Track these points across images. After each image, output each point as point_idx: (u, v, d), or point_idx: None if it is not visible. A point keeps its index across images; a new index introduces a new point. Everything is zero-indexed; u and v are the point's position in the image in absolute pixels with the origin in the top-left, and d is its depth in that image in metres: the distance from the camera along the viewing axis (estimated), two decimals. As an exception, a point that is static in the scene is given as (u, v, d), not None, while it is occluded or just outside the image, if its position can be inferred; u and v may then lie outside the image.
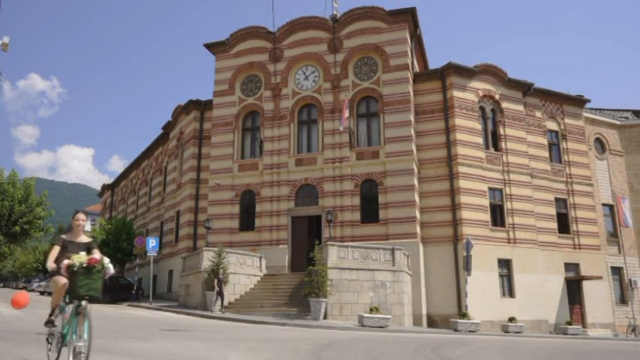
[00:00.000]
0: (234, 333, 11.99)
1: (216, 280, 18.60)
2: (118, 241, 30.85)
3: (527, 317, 21.76)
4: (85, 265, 4.94)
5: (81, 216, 5.61)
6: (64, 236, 5.55)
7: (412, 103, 23.73)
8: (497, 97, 25.03)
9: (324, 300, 17.44)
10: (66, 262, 4.98)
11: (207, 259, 19.82)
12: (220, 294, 18.44)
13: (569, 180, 26.42)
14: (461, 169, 22.99)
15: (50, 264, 5.25)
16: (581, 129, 27.79)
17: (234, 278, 20.08)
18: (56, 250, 5.43)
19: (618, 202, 27.09)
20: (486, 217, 23.22)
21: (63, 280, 5.16)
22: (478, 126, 24.29)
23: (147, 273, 29.33)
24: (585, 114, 28.58)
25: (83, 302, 4.93)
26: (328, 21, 25.57)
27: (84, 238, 5.65)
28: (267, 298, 19.72)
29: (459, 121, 23.63)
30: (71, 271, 4.97)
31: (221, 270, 18.80)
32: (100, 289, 5.03)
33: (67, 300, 5.18)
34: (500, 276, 22.90)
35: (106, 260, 5.11)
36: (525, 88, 26.02)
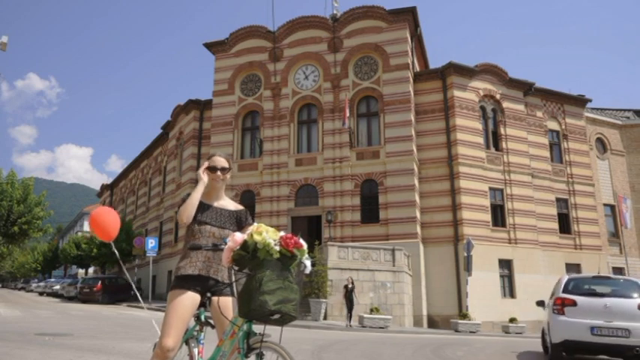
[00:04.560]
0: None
1: None
2: (117, 242, 30.77)
3: (528, 318, 21.65)
4: (279, 250, 2.45)
5: (220, 159, 3.10)
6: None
7: (412, 103, 23.66)
8: (498, 96, 24.97)
9: (324, 300, 17.37)
10: (238, 236, 2.52)
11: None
12: None
13: (570, 180, 26.35)
14: (461, 169, 22.92)
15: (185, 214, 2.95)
16: (583, 129, 27.73)
17: (234, 278, 19.96)
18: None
19: (619, 202, 27.02)
20: (487, 217, 23.16)
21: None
22: (479, 126, 24.23)
23: (146, 273, 29.24)
24: (586, 114, 28.53)
25: (262, 326, 2.48)
26: (328, 20, 25.49)
27: (228, 203, 3.18)
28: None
29: (459, 121, 23.56)
30: (245, 261, 2.50)
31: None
32: (299, 302, 2.55)
33: (235, 321, 2.63)
34: (501, 276, 22.85)
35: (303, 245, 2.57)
36: (526, 88, 25.96)
